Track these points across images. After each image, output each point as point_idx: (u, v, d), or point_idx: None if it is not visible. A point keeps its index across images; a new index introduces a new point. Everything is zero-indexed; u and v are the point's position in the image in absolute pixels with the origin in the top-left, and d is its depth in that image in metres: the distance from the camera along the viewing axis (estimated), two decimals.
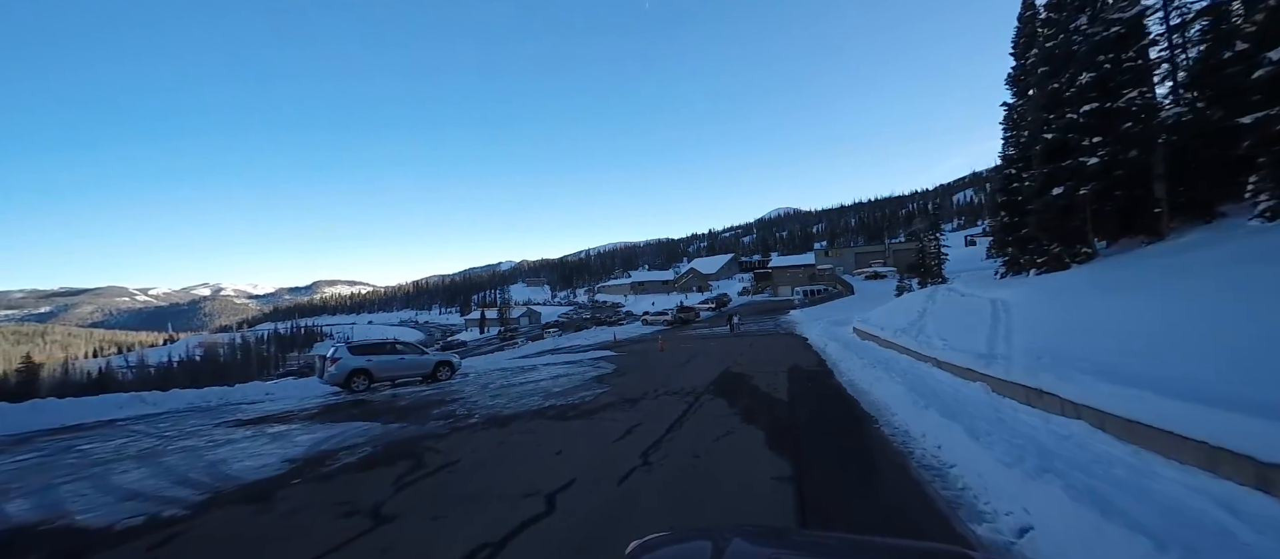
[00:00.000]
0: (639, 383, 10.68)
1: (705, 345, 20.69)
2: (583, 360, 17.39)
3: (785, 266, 66.82)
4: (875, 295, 37.56)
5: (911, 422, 5.94)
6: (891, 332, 13.04)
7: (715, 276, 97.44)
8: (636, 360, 16.29)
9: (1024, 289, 11.12)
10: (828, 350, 15.41)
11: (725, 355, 15.91)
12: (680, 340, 24.74)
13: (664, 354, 18.03)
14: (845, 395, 8.36)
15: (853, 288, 40.63)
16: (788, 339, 20.98)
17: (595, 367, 14.58)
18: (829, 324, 24.40)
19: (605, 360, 16.76)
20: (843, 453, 5.29)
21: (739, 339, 22.24)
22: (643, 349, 21.71)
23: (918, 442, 5.31)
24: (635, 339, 28.38)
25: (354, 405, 10.07)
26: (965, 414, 5.66)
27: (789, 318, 32.61)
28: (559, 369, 14.70)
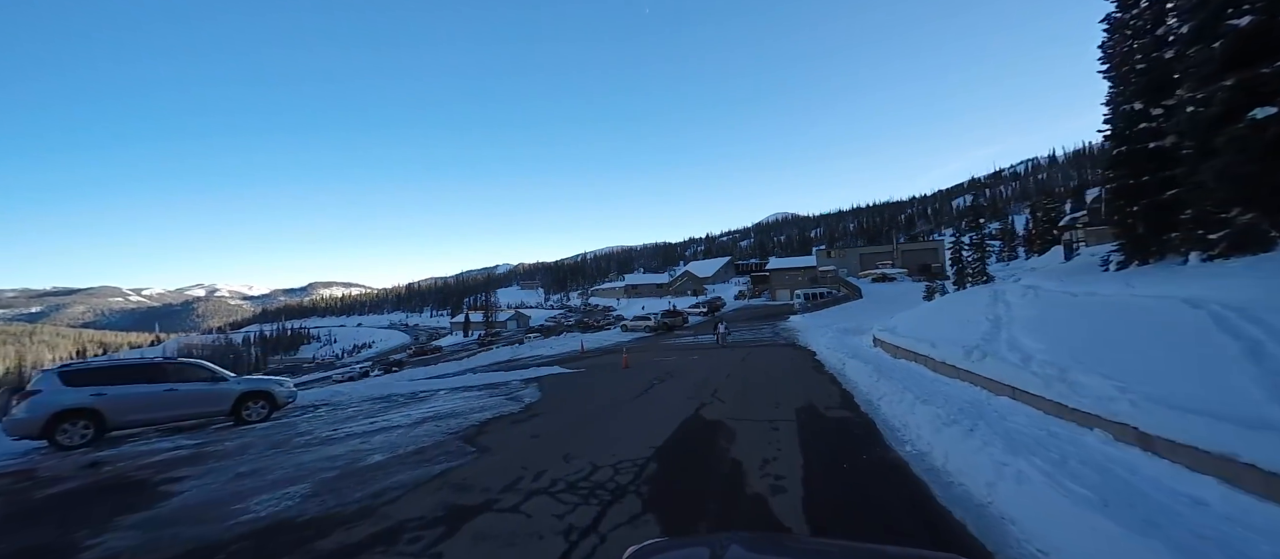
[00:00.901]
0: (532, 451, 6.07)
1: (683, 361, 16.03)
2: (508, 383, 12.70)
3: (784, 269, 62.24)
4: (888, 299, 32.96)
5: None
6: (952, 349, 8.42)
7: (711, 280, 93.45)
8: (576, 388, 11.62)
9: (1230, 282, 6.48)
10: (848, 372, 10.80)
11: (704, 380, 11.27)
12: (656, 352, 20.08)
13: (623, 375, 13.37)
14: (950, 521, 3.63)
15: (860, 291, 36.13)
16: (789, 353, 16.32)
17: (508, 400, 9.90)
18: (839, 333, 19.81)
19: (537, 385, 12.07)
20: None
21: (728, 352, 17.56)
22: (603, 365, 17.05)
23: None
24: (605, 349, 23.74)
25: None
26: None
27: (789, 325, 27.97)
28: (453, 402, 10.00)
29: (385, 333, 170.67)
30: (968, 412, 5.72)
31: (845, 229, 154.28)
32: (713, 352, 17.87)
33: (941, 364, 8.75)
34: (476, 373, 17.72)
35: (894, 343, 12.48)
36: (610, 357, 19.84)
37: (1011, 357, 6.56)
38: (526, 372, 15.49)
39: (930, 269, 44.53)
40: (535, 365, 18.46)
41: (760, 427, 6.54)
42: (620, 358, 16.95)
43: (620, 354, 18.53)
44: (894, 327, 14.98)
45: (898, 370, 9.81)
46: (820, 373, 11.60)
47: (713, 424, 6.84)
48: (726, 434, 6.25)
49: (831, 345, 16.21)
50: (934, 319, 12.71)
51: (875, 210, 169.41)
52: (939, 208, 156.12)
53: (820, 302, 34.92)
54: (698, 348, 20.39)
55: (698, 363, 15.19)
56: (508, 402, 9.68)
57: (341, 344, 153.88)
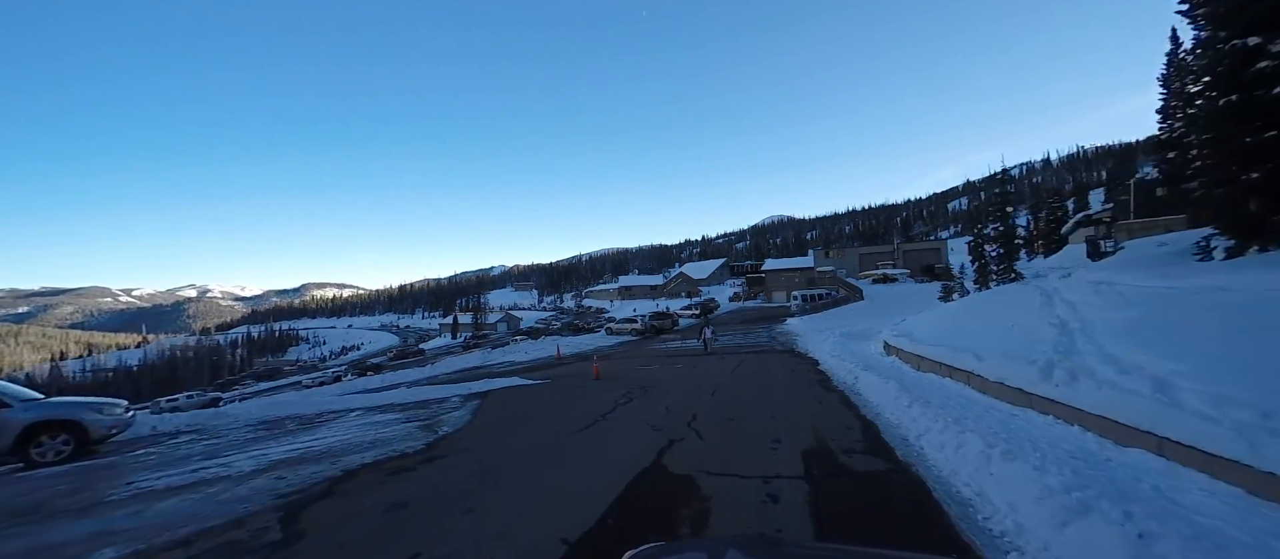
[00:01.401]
0: (366, 542, 3.65)
1: (665, 372, 13.72)
2: (445, 401, 10.33)
3: (780, 270, 60.00)
4: (892, 301, 30.77)
5: None
6: (1012, 365, 6.15)
7: (706, 282, 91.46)
8: (520, 410, 9.28)
9: None
10: (864, 390, 8.54)
11: (682, 400, 8.97)
12: (637, 359, 17.75)
13: (587, 391, 11.05)
14: None
15: (861, 292, 33.97)
16: (788, 363, 14.04)
17: (421, 429, 7.57)
18: (843, 338, 17.58)
19: (476, 404, 9.74)
20: None
21: (717, 361, 15.25)
22: (572, 375, 14.72)
23: None
24: (583, 355, 21.40)
25: None
26: None
27: (787, 328, 25.73)
28: (350, 430, 7.64)
29: (375, 334, 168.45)
30: (1089, 476, 3.43)
31: (841, 231, 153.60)
32: (699, 360, 15.57)
33: (996, 385, 6.47)
34: (426, 386, 15.35)
35: (915, 351, 10.21)
36: (586, 364, 17.50)
37: (1131, 383, 4.28)
38: (479, 384, 13.11)
39: (934, 270, 42.44)
40: (499, 375, 16.10)
41: (750, 492, 4.22)
42: (594, 366, 14.61)
43: (593, 363, 16.17)
44: (909, 331, 12.74)
45: (931, 390, 7.53)
46: (827, 390, 9.29)
47: (677, 485, 4.52)
48: (696, 509, 3.93)
49: (836, 353, 13.94)
50: (965, 323, 10.45)
51: (871, 213, 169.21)
52: (935, 210, 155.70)
53: (819, 303, 32.73)
54: (684, 354, 18.07)
55: (681, 374, 12.87)
56: (420, 431, 7.32)
57: (330, 346, 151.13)
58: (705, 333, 17.87)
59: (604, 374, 13.66)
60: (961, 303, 12.88)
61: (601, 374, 13.42)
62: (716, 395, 9.24)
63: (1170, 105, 23.35)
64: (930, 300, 28.83)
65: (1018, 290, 11.14)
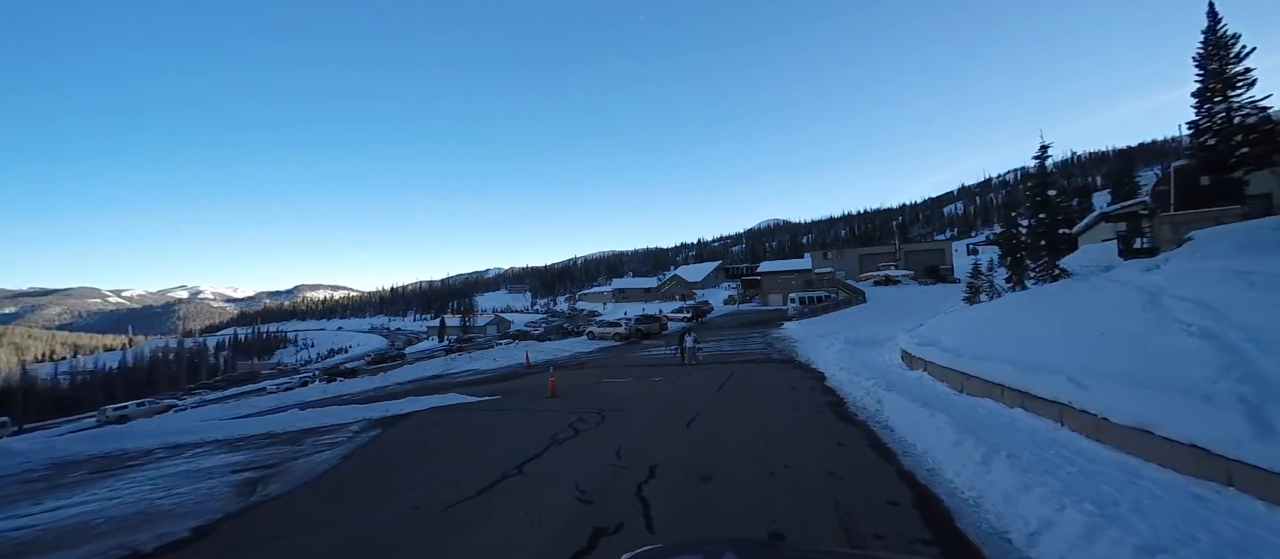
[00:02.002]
0: None
1: (637, 388, 11.27)
2: (338, 429, 7.84)
3: (776, 272, 57.71)
4: (898, 303, 28.48)
5: None
6: (1145, 398, 3.75)
7: (700, 285, 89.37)
8: (427, 445, 6.84)
9: None
10: (897, 422, 6.17)
11: (644, 438, 6.55)
12: (610, 370, 15.28)
13: (528, 416, 8.59)
14: None
15: (864, 294, 31.66)
16: (788, 376, 11.64)
17: (239, 490, 5.05)
18: (849, 345, 15.22)
19: (371, 434, 7.26)
20: None
21: (702, 373, 12.82)
22: (526, 390, 12.24)
23: None
24: (556, 364, 18.93)
25: None
26: None
27: (784, 333, 23.35)
28: (138, 486, 5.13)
29: (364, 337, 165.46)
30: None
31: (837, 235, 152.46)
32: (677, 374, 13.11)
33: (1131, 433, 4.03)
34: (336, 408, 12.81)
35: (954, 366, 7.80)
36: (533, 381, 15.03)
37: None
38: (406, 404, 10.59)
39: (939, 271, 40.26)
40: (448, 388, 13.60)
41: None
42: (562, 378, 12.14)
43: (564, 375, 13.71)
44: (934, 338, 10.34)
45: (1001, 429, 5.10)
46: (844, 420, 6.85)
47: None
48: None
49: (845, 364, 11.54)
50: (1015, 331, 8.05)
51: (867, 217, 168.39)
52: (930, 214, 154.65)
53: (818, 306, 30.36)
54: (667, 363, 15.61)
55: (655, 391, 10.42)
56: (234, 493, 4.84)
57: (318, 348, 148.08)
58: (686, 341, 14.80)
59: (564, 389, 11.19)
60: (997, 305, 10.53)
61: (559, 390, 10.94)
62: (693, 427, 6.79)
63: (1209, 88, 21.16)
64: (939, 303, 26.53)
65: (1084, 289, 8.77)
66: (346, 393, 17.39)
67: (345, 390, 17.95)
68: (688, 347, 14.77)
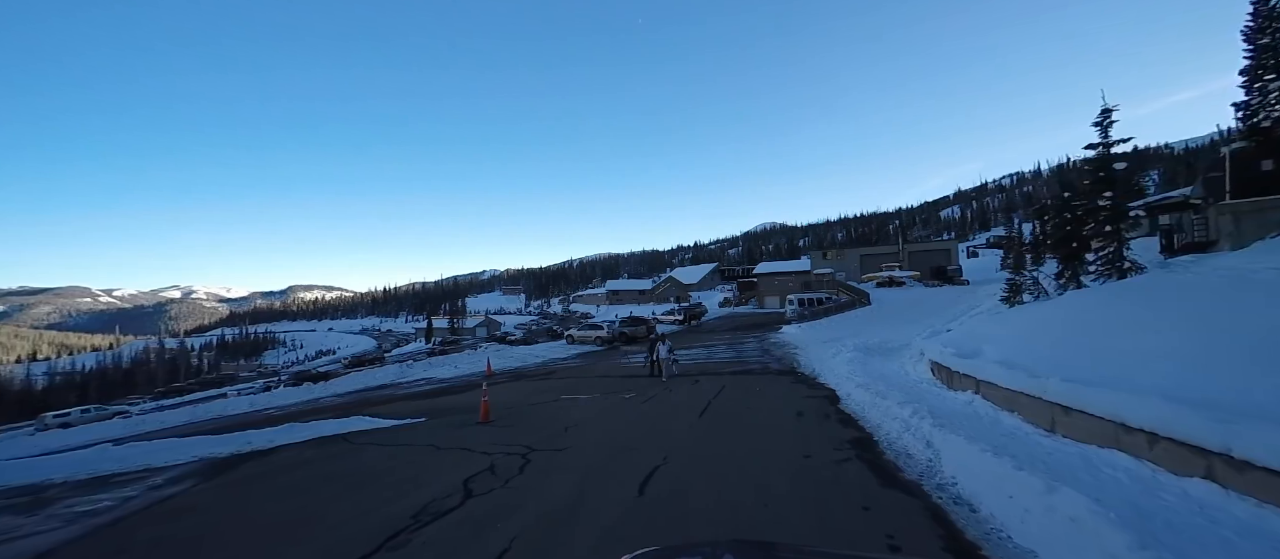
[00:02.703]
0: None
1: (596, 412, 8.87)
2: (112, 496, 5.35)
3: (774, 273, 55.50)
4: (907, 305, 26.14)
5: None
6: None
7: (696, 286, 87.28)
8: (235, 508, 4.30)
9: None
10: (982, 499, 3.68)
11: (571, 508, 4.06)
12: (570, 384, 12.84)
13: (438, 456, 6.13)
14: None
15: (868, 296, 29.35)
16: (789, 394, 9.29)
17: None
18: (860, 353, 12.89)
19: (190, 483, 4.76)
20: None
21: (685, 389, 10.43)
22: (460, 409, 9.76)
23: None
24: (519, 373, 16.45)
25: None
26: None
27: (783, 338, 21.02)
28: None
29: (354, 338, 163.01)
30: None
31: (834, 238, 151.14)
32: (660, 388, 10.67)
33: None
34: (233, 433, 10.34)
35: (1037, 393, 5.40)
36: (505, 388, 12.60)
37: None
38: (285, 433, 8.10)
39: (946, 272, 37.98)
40: (388, 403, 11.12)
41: None
42: (508, 391, 9.70)
43: (522, 385, 11.27)
44: (976, 347, 7.95)
45: (1204, 531, 2.70)
46: (886, 480, 4.45)
47: None
48: None
49: (859, 377, 9.17)
50: (1119, 341, 5.68)
51: (863, 220, 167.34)
52: (927, 218, 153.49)
53: (820, 309, 28.00)
54: (636, 380, 13.19)
55: (618, 416, 8.01)
56: None
57: (307, 349, 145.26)
58: (659, 351, 12.02)
59: (506, 410, 8.78)
60: (1057, 307, 8.12)
61: (498, 412, 8.53)
62: (650, 491, 4.37)
63: (1260, 64, 18.93)
64: (952, 306, 24.20)
65: (1199, 282, 6.40)
66: (276, 407, 14.90)
67: (282, 402, 15.43)
68: (661, 358, 11.93)
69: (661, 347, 12.24)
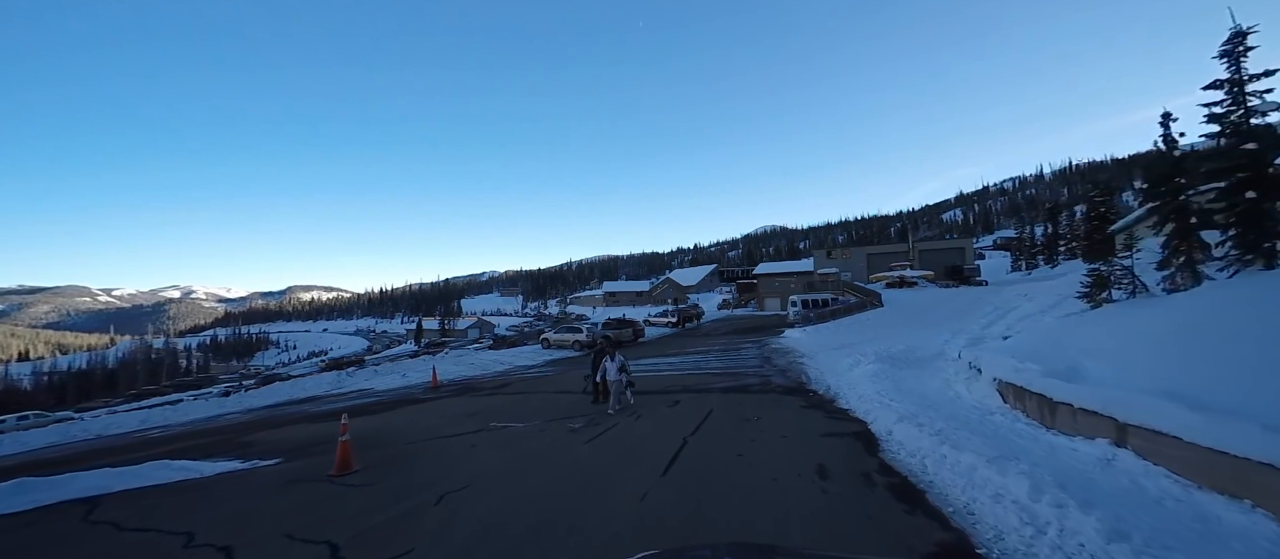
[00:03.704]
0: None
1: (515, 454, 6.12)
2: None
3: (774, 274, 52.77)
4: (924, 307, 23.33)
5: None
6: None
7: (694, 288, 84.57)
8: None
9: None
10: None
11: None
12: (520, 401, 10.07)
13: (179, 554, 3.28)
14: None
15: (879, 297, 26.61)
16: (802, 428, 6.54)
17: None
18: (883, 363, 10.23)
19: None
20: None
21: (648, 420, 7.63)
22: (322, 448, 6.95)
23: None
24: (467, 387, 13.68)
25: None
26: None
27: (786, 344, 18.31)
28: None
29: (348, 339, 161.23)
30: None
31: (835, 240, 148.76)
32: (624, 418, 7.93)
33: None
34: None
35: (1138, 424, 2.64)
36: (427, 409, 9.84)
37: None
38: (87, 479, 5.33)
39: (961, 272, 35.26)
40: (270, 429, 8.38)
41: None
42: (431, 412, 6.95)
43: (449, 402, 8.49)
44: (1075, 363, 5.29)
45: None
46: None
47: None
48: None
49: (895, 402, 6.47)
50: None
51: (864, 223, 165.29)
52: (929, 220, 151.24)
53: (824, 311, 25.25)
54: (576, 412, 10.43)
55: (548, 464, 5.26)
56: None
57: (300, 350, 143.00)
58: (606, 369, 8.40)
59: (386, 455, 6.06)
60: (1207, 310, 5.39)
61: (369, 458, 5.77)
62: None
63: None
64: (976, 307, 21.40)
65: None
66: (180, 422, 12.17)
67: (192, 416, 12.68)
68: (609, 380, 8.34)
69: (609, 363, 8.43)
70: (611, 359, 8.47)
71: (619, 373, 8.27)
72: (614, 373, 8.30)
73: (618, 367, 8.31)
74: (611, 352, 8.65)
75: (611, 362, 8.42)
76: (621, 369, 8.31)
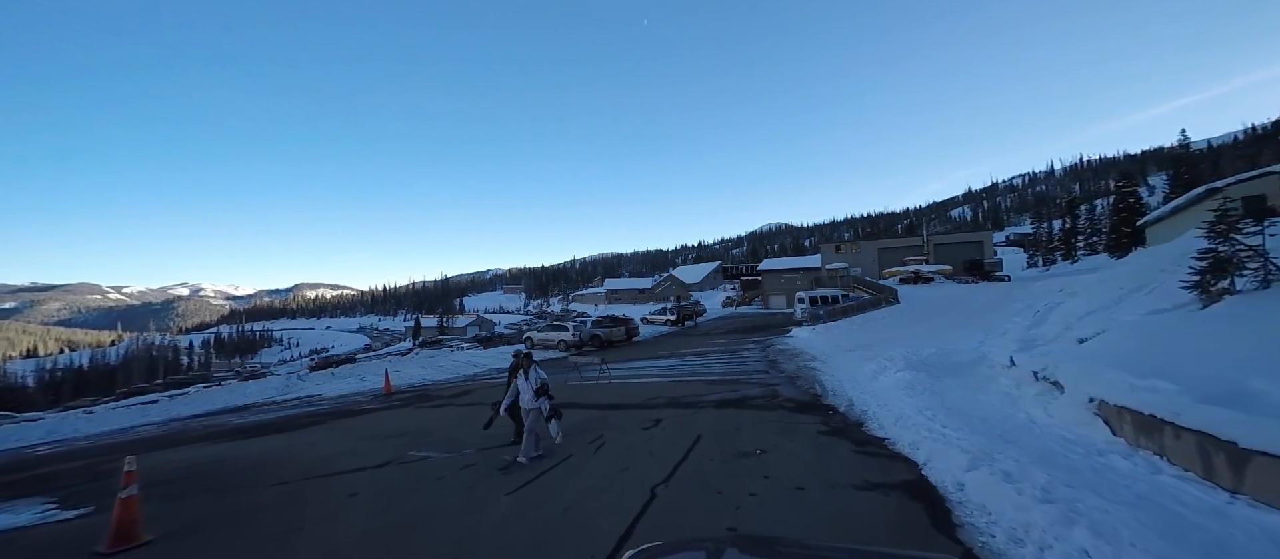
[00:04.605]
0: None
1: (374, 530, 4.08)
2: None
3: (780, 270, 50.63)
4: (949, 304, 21.18)
5: None
6: None
7: (698, 286, 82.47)
8: None
9: None
10: None
11: None
12: (450, 420, 8.16)
13: None
14: None
15: (896, 294, 24.52)
16: (831, 476, 4.66)
17: None
18: (918, 371, 8.20)
19: None
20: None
21: (610, 455, 5.64)
22: (152, 488, 4.99)
23: None
24: (416, 393, 11.76)
25: None
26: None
27: (793, 344, 16.35)
28: None
29: (350, 337, 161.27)
30: None
31: (841, 238, 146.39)
32: (562, 458, 5.99)
33: None
34: None
35: None
36: (342, 430, 7.97)
37: None
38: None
39: (982, 267, 33.03)
40: (136, 450, 6.53)
41: None
42: (341, 434, 5.07)
43: (380, 415, 6.60)
44: (1236, 381, 3.26)
45: None
46: None
47: None
48: None
49: (950, 428, 4.44)
50: None
51: (870, 221, 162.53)
52: (937, 218, 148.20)
53: (835, 309, 23.17)
54: (596, 401, 8.51)
55: (430, 541, 3.28)
56: None
57: (304, 347, 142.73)
58: (519, 391, 5.72)
59: (207, 509, 4.12)
60: None
61: (160, 522, 3.84)
62: None
63: None
64: (1005, 304, 19.23)
65: None
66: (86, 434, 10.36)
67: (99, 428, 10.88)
68: (524, 407, 5.63)
69: (522, 382, 5.67)
70: (526, 376, 5.67)
71: (537, 398, 5.51)
72: (528, 398, 5.52)
73: (534, 387, 5.53)
74: (527, 366, 5.76)
75: (525, 381, 5.65)
76: (541, 391, 5.56)
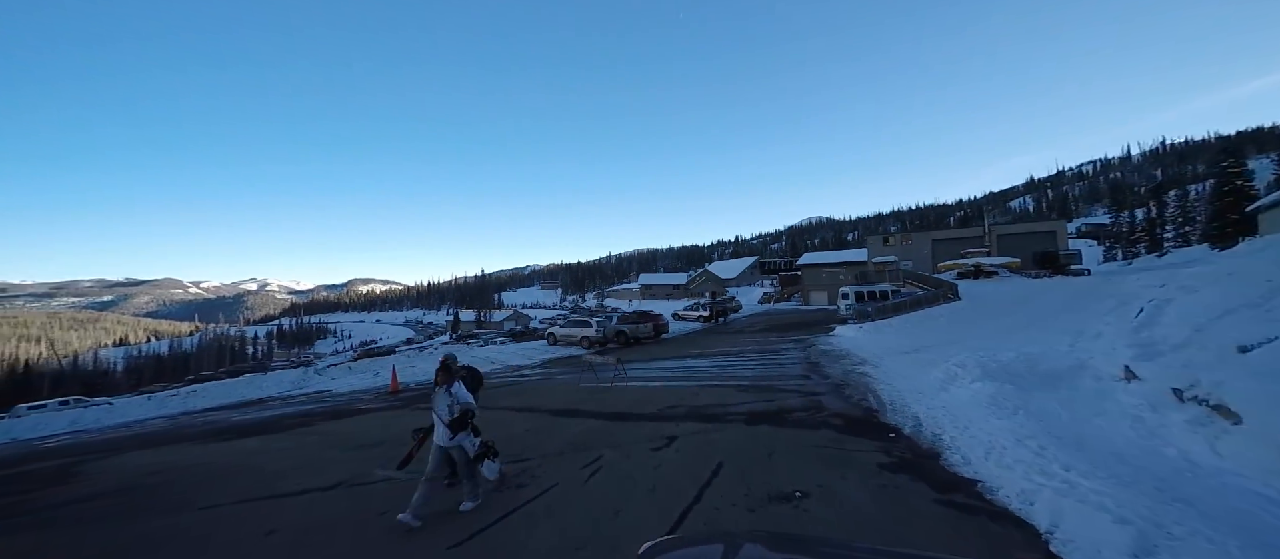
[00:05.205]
0: None
1: None
2: None
3: (821, 264, 47.79)
4: (1018, 302, 18.64)
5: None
6: None
7: (734, 281, 80.00)
8: None
9: None
10: None
11: None
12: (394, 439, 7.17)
13: None
14: None
15: (956, 289, 22.06)
16: None
17: None
18: (1001, 381, 6.56)
19: None
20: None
21: (554, 523, 4.36)
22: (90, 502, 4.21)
23: None
24: (423, 392, 11.02)
25: None
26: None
27: (837, 344, 14.62)
28: None
29: (397, 329, 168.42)
30: None
31: (887, 231, 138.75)
32: (562, 481, 4.84)
33: None
34: None
35: None
36: (311, 438, 7.16)
37: None
38: None
39: (1057, 260, 29.59)
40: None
41: None
42: (295, 446, 4.21)
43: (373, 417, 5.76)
44: None
45: None
46: None
47: None
48: None
49: (1093, 484, 3.22)
50: None
51: (919, 214, 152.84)
52: (993, 210, 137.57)
53: (885, 305, 21.00)
54: (595, 409, 7.39)
55: None
56: None
57: (355, 339, 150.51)
58: (437, 412, 3.90)
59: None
60: None
61: None
62: None
63: None
64: (1089, 302, 16.61)
65: None
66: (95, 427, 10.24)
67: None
68: (436, 444, 3.89)
69: (440, 401, 3.92)
70: (444, 392, 3.93)
71: (456, 434, 3.82)
72: (442, 433, 3.85)
73: (448, 410, 3.85)
74: (449, 382, 3.98)
75: (441, 399, 3.92)
76: (460, 422, 3.83)
